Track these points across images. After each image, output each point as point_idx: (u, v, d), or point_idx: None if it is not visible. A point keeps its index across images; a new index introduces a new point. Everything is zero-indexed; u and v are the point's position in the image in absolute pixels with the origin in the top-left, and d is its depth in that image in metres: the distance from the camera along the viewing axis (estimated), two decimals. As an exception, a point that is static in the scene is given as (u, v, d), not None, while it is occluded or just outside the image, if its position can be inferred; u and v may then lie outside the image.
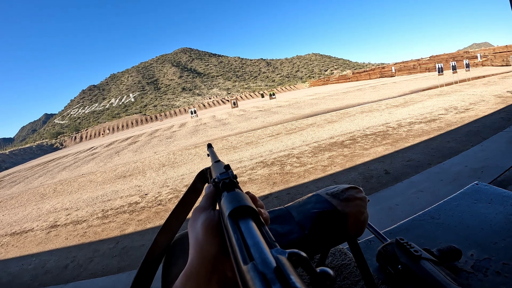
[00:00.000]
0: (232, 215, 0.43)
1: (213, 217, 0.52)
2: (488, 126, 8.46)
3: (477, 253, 1.24)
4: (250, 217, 0.43)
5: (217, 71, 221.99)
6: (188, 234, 0.54)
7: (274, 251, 0.33)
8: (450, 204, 1.68)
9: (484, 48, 55.12)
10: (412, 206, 4.50)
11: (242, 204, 0.45)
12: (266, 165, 8.90)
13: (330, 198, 1.10)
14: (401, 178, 5.87)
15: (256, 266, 0.31)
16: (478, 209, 1.54)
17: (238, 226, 0.41)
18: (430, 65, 51.57)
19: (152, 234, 5.84)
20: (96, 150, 30.43)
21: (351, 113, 16.15)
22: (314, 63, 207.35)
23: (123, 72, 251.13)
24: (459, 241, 1.33)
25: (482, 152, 6.29)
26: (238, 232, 0.39)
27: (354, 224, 1.05)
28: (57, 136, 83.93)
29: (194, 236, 0.50)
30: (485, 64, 40.65)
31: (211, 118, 37.16)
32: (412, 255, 1.10)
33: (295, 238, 1.00)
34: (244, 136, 15.60)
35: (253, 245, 0.35)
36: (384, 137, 9.32)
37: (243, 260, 0.34)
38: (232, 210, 0.44)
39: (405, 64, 67.97)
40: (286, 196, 6.16)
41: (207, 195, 0.60)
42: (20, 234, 8.08)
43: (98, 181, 12.68)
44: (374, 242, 1.53)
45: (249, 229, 0.39)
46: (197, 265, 0.47)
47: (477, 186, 1.78)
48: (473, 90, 16.52)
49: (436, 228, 1.50)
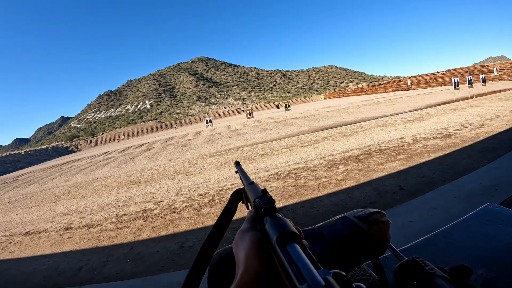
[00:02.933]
0: (279, 241, 0.48)
1: (259, 237, 0.57)
2: (503, 142, 8.38)
3: (487, 272, 1.28)
4: (295, 241, 0.48)
5: (233, 81, 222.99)
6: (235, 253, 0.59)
7: (321, 272, 0.39)
8: (462, 224, 1.72)
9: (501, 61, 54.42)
10: (425, 223, 4.46)
11: (288, 229, 0.50)
12: (281, 177, 8.90)
13: (357, 221, 1.22)
14: (415, 194, 5.82)
15: (310, 286, 0.36)
16: (489, 230, 1.58)
17: (286, 250, 0.46)
18: (446, 79, 51.12)
19: (166, 242, 5.89)
20: (111, 155, 30.71)
21: (366, 127, 16.08)
22: (329, 75, 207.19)
23: (140, 78, 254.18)
24: (470, 260, 1.38)
25: (496, 169, 6.22)
26: (288, 255, 0.44)
27: (378, 244, 1.18)
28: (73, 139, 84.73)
29: (244, 253, 0.55)
30: (501, 78, 40.21)
31: (226, 127, 37.26)
32: (427, 272, 1.15)
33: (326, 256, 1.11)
34: (259, 147, 15.60)
35: (302, 267, 0.40)
36: (399, 152, 9.27)
37: (298, 281, 0.39)
38: (280, 235, 0.49)
39: (420, 77, 67.43)
40: (300, 209, 6.15)
41: (249, 218, 0.66)
42: (33, 234, 8.20)
43: (113, 186, 12.80)
44: (390, 260, 1.56)
45: (296, 253, 0.44)
46: (247, 280, 0.51)
47: (489, 207, 1.82)
48: (489, 105, 16.38)
49: (449, 247, 1.55)
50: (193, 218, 6.91)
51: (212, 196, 8.29)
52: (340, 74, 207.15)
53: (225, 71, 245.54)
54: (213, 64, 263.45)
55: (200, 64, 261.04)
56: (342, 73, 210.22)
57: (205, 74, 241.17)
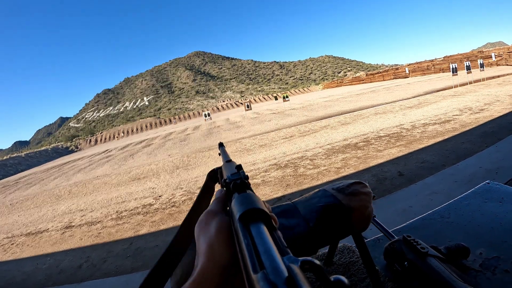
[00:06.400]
0: (242, 219, 0.41)
1: (227, 222, 0.49)
2: (503, 126, 8.35)
3: (486, 251, 1.22)
4: (262, 221, 0.41)
5: (230, 74, 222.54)
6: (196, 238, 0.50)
7: (286, 259, 0.31)
8: (460, 203, 1.66)
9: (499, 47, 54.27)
10: (426, 208, 4.39)
11: (254, 206, 0.43)
12: (280, 167, 8.90)
13: (336, 193, 1.12)
14: (415, 179, 5.81)
15: (267, 276, 0.29)
16: (489, 208, 1.51)
17: (249, 230, 0.39)
18: (444, 65, 50.88)
19: (165, 236, 5.89)
20: (111, 152, 30.70)
21: (365, 115, 16.06)
22: (327, 65, 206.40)
23: (137, 76, 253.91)
24: (468, 240, 1.32)
25: (497, 153, 6.20)
26: (248, 237, 0.37)
27: (359, 218, 1.07)
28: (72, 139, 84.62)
29: (207, 242, 0.47)
30: (499, 64, 40.08)
31: (224, 121, 37.21)
32: (419, 252, 1.09)
33: (300, 232, 1.01)
34: (258, 138, 15.63)
35: (264, 252, 0.33)
36: (398, 138, 9.24)
37: (253, 268, 0.32)
38: (243, 213, 0.42)
39: (419, 65, 67.17)
40: (299, 198, 6.14)
41: (217, 198, 0.58)
42: (35, 234, 8.21)
43: (113, 183, 12.81)
44: (382, 241, 1.52)
45: (260, 234, 0.37)
46: (208, 274, 0.43)
47: (488, 185, 1.76)
48: (487, 90, 16.33)
49: (446, 227, 1.49)
50: (192, 211, 6.88)
51: (211, 188, 8.26)
52: (337, 64, 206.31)
53: (222, 64, 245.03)
54: (210, 58, 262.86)
55: (197, 59, 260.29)
56: (339, 62, 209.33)
57: (202, 68, 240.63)
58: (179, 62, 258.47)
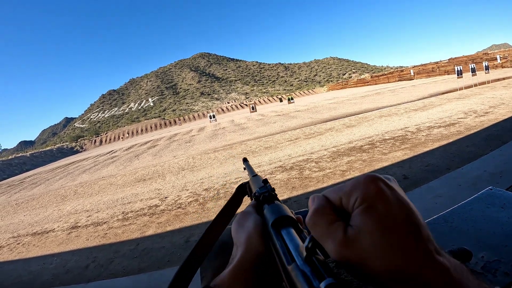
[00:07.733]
0: (274, 225, 0.50)
1: (261, 221, 0.57)
2: (508, 129, 8.35)
3: (488, 255, 1.25)
4: (291, 226, 0.49)
5: (235, 76, 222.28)
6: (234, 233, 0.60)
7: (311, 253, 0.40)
8: (464, 208, 1.69)
9: (504, 49, 53.97)
10: (430, 212, 4.43)
11: (283, 214, 0.51)
12: (285, 169, 8.92)
13: None
14: (420, 183, 5.82)
15: (298, 266, 0.38)
16: (491, 213, 1.55)
17: (280, 234, 0.47)
18: (449, 67, 50.65)
19: (172, 237, 5.93)
20: (116, 153, 30.81)
21: (370, 117, 16.04)
22: (332, 67, 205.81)
23: (142, 77, 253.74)
24: (471, 244, 1.35)
25: (501, 156, 6.21)
26: (280, 239, 0.46)
27: None
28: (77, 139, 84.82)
29: (246, 234, 0.56)
30: (505, 66, 39.94)
31: (229, 122, 37.21)
32: None
33: None
34: (263, 140, 15.62)
35: (294, 249, 0.42)
36: (403, 141, 9.25)
37: (287, 261, 0.40)
38: (274, 220, 0.50)
39: (423, 67, 66.99)
40: (305, 201, 6.18)
41: (251, 204, 0.67)
42: (41, 234, 8.27)
43: (118, 184, 12.88)
44: None
45: (290, 236, 0.45)
46: (247, 261, 0.52)
47: (491, 191, 1.79)
48: (492, 93, 16.29)
49: (449, 231, 1.52)
50: (198, 212, 6.94)
51: (217, 190, 8.32)
52: (342, 66, 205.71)
53: (227, 66, 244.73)
54: (215, 60, 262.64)
55: (201, 60, 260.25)
56: (344, 64, 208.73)
57: (207, 69, 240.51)
58: (184, 63, 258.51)
